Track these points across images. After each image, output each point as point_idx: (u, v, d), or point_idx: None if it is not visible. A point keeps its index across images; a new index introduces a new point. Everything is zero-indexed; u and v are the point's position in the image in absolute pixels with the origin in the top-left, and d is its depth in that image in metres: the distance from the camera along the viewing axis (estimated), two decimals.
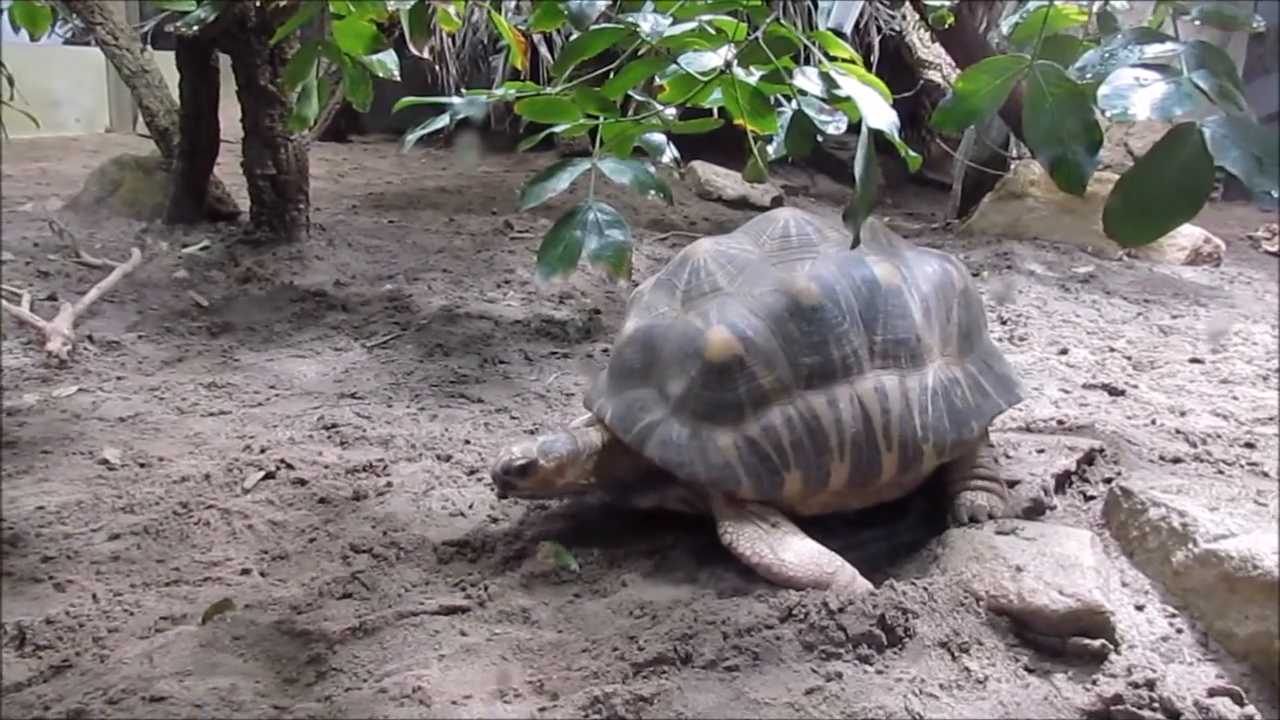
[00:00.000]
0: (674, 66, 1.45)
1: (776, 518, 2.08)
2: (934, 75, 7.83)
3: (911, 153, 1.64)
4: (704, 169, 7.60)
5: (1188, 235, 5.94)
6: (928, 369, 2.17)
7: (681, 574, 2.09)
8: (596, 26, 1.43)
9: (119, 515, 2.28)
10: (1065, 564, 1.89)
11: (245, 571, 2.08)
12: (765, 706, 1.67)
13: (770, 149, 1.63)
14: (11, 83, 2.11)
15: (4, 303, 3.60)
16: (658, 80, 1.53)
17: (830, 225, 2.27)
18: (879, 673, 1.77)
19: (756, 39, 1.34)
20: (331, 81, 3.36)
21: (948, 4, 2.89)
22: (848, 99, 1.41)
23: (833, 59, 1.49)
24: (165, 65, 5.63)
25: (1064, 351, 3.95)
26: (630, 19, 1.38)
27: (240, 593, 2.00)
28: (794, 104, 1.56)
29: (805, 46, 1.40)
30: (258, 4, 4.21)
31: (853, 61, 1.44)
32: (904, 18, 7.62)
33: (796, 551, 2.01)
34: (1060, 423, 2.95)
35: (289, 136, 4.67)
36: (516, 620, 1.93)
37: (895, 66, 8.24)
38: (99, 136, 11.40)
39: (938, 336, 2.20)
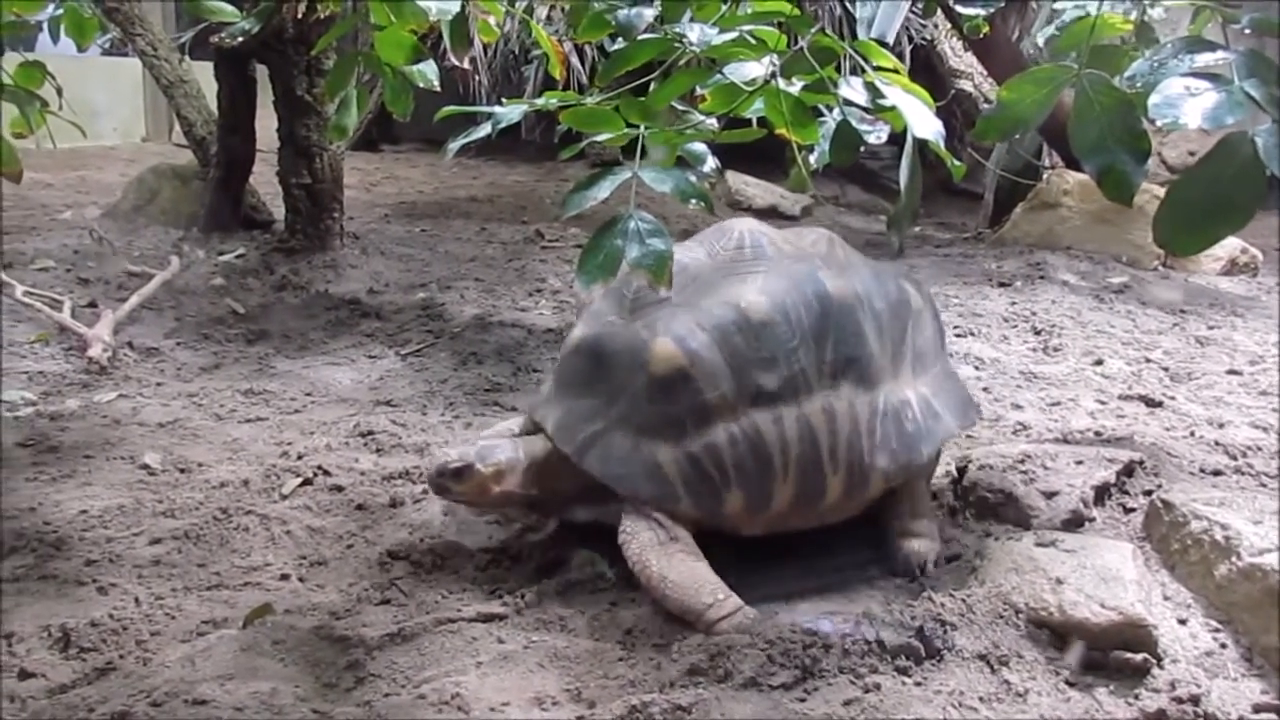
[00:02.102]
0: (717, 76, 1.45)
1: (680, 533, 2.01)
2: (966, 85, 7.80)
3: (955, 162, 1.62)
4: (734, 178, 7.60)
5: (1225, 245, 5.86)
6: (879, 390, 2.12)
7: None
8: (642, 36, 1.44)
9: (160, 520, 2.30)
10: (1106, 576, 1.87)
11: (284, 577, 2.10)
12: (804, 718, 1.66)
13: (812, 158, 1.62)
14: (60, 93, 2.14)
15: (46, 309, 3.66)
16: (699, 90, 1.53)
17: (786, 239, 2.22)
18: (917, 684, 1.76)
19: (801, 49, 1.34)
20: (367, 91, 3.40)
21: (982, 13, 2.88)
22: (892, 108, 1.41)
23: (876, 69, 1.49)
24: (202, 76, 5.71)
25: (1099, 362, 3.91)
26: (678, 29, 1.38)
27: (279, 598, 2.02)
28: (835, 114, 1.56)
29: (848, 56, 1.40)
30: (297, 16, 4.25)
31: (896, 71, 1.44)
32: (936, 27, 7.60)
33: (681, 573, 1.95)
34: (1097, 434, 2.92)
35: (324, 146, 4.72)
36: (553, 628, 1.93)
37: (927, 76, 8.22)
38: (135, 146, 11.56)
39: (890, 356, 2.15)
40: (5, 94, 2.05)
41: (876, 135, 1.58)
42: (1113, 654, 1.78)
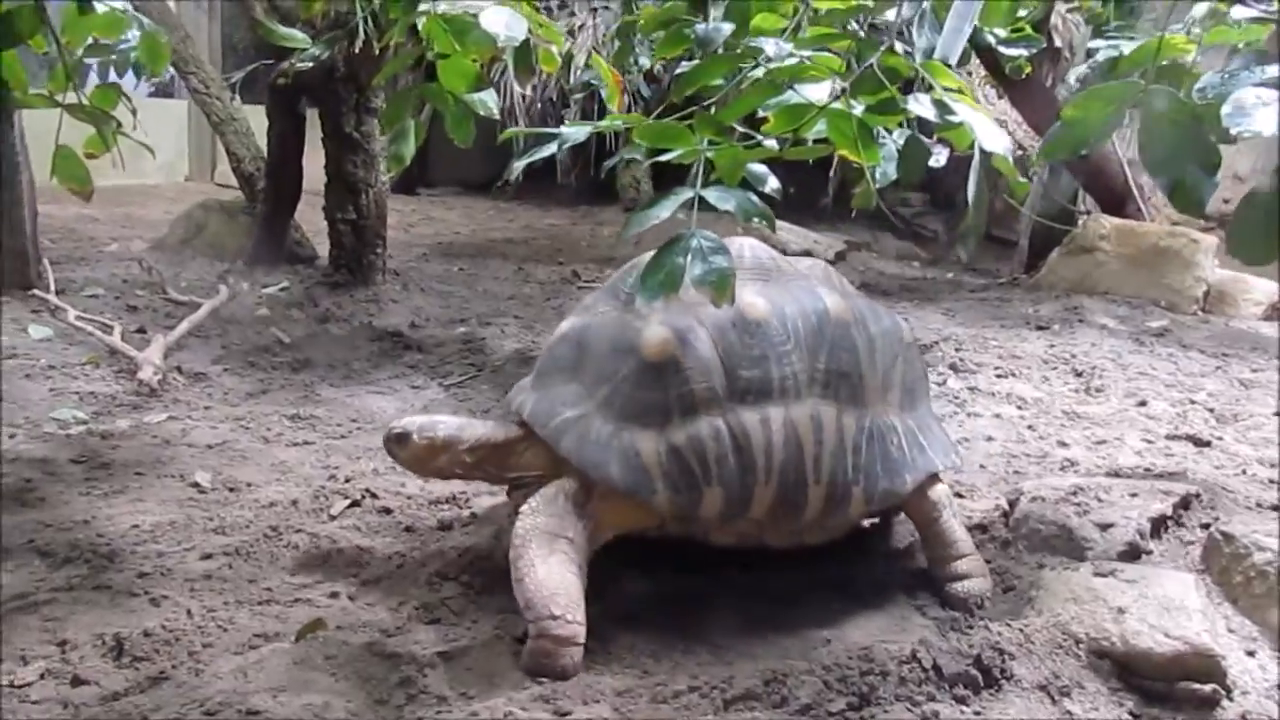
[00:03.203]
0: (784, 96, 1.46)
1: (577, 535, 1.94)
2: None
3: (1020, 178, 1.63)
4: None
5: (1264, 291, 5.83)
6: (868, 411, 2.10)
7: (764, 611, 2.07)
8: (716, 54, 1.46)
9: (210, 536, 2.31)
10: (1170, 606, 1.84)
11: (334, 595, 2.10)
12: None
13: (877, 174, 1.63)
14: (135, 113, 2.19)
15: (97, 333, 3.72)
16: (760, 112, 1.55)
17: (786, 260, 2.24)
18: (976, 714, 1.74)
19: (871, 67, 1.36)
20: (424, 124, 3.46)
21: (1025, 53, 2.90)
22: (960, 125, 1.42)
23: (944, 90, 1.50)
24: (251, 119, 5.84)
25: (1143, 403, 3.87)
26: (755, 43, 1.40)
27: (330, 614, 2.01)
28: (895, 136, 1.57)
29: (915, 76, 1.41)
30: (351, 54, 4.34)
31: (961, 91, 1.45)
32: (969, 75, 7.64)
33: (552, 572, 1.86)
34: (1147, 470, 2.88)
35: (370, 183, 4.81)
36: (601, 653, 1.91)
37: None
38: (178, 185, 11.80)
39: (881, 381, 2.14)
40: (84, 113, 2.09)
41: (937, 158, 1.59)
42: (1179, 685, 1.75)
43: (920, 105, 1.38)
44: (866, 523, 2.44)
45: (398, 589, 2.12)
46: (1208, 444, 3.28)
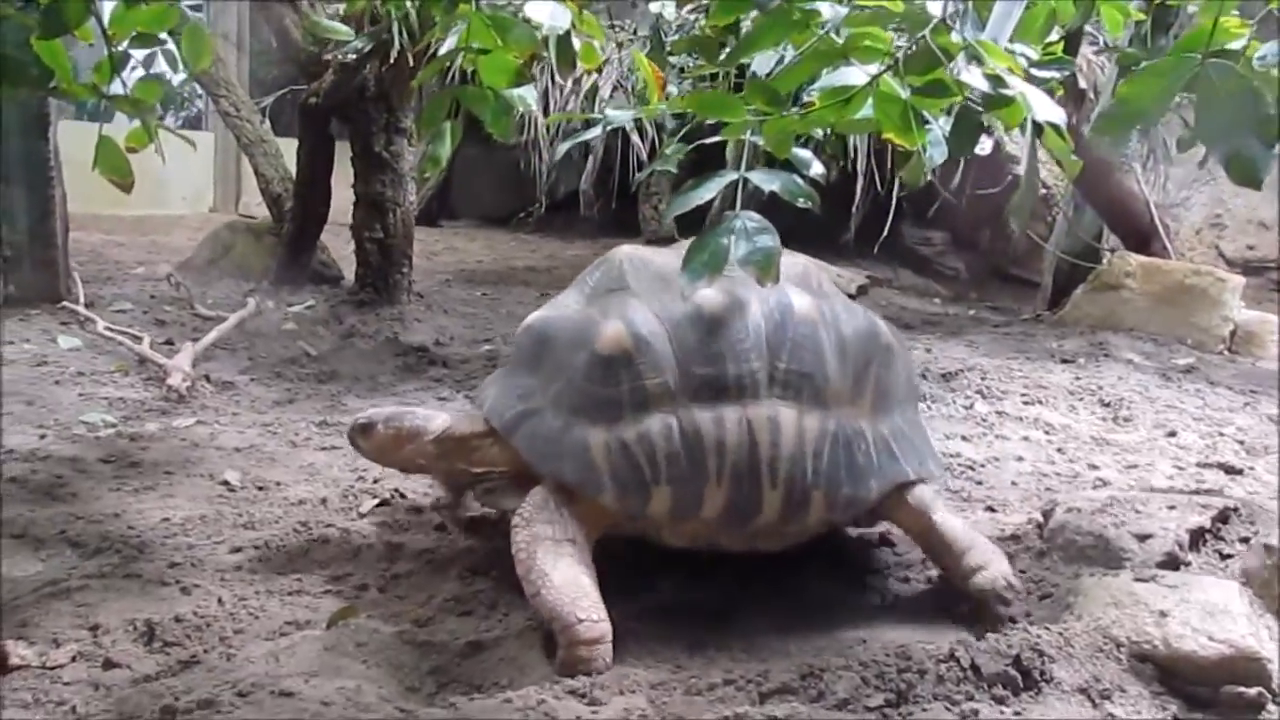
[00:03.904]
0: (835, 72, 1.47)
1: (578, 537, 1.91)
2: (1022, 170, 7.84)
3: (1072, 157, 1.62)
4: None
5: None
6: (832, 414, 2.02)
7: (796, 613, 2.05)
8: (771, 17, 1.46)
9: (240, 530, 2.31)
10: (1213, 610, 1.81)
11: (364, 587, 2.09)
12: None
13: (928, 156, 1.63)
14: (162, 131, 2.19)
15: (127, 342, 3.74)
16: (806, 95, 1.56)
17: None
18: (1016, 714, 1.70)
19: (925, 38, 1.36)
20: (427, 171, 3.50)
21: (1058, 75, 2.91)
22: (1012, 101, 1.42)
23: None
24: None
25: (1172, 434, 3.83)
26: (811, 6, 1.41)
27: (360, 606, 2.00)
28: (941, 121, 1.57)
29: (966, 53, 1.41)
30: (382, 72, 4.41)
31: (1010, 71, 1.45)
32: None
33: (565, 577, 1.82)
34: (1181, 491, 2.85)
35: (398, 202, 4.85)
36: (635, 648, 1.89)
37: (983, 160, 8.29)
38: (203, 215, 11.93)
39: (850, 384, 2.06)
40: (126, 104, 2.12)
41: (982, 146, 1.59)
42: (1224, 689, 1.71)
43: (973, 76, 1.38)
44: (893, 531, 2.42)
45: (428, 583, 2.11)
46: (1240, 472, 3.24)
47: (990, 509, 2.68)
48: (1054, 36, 2.58)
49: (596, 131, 1.95)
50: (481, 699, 1.69)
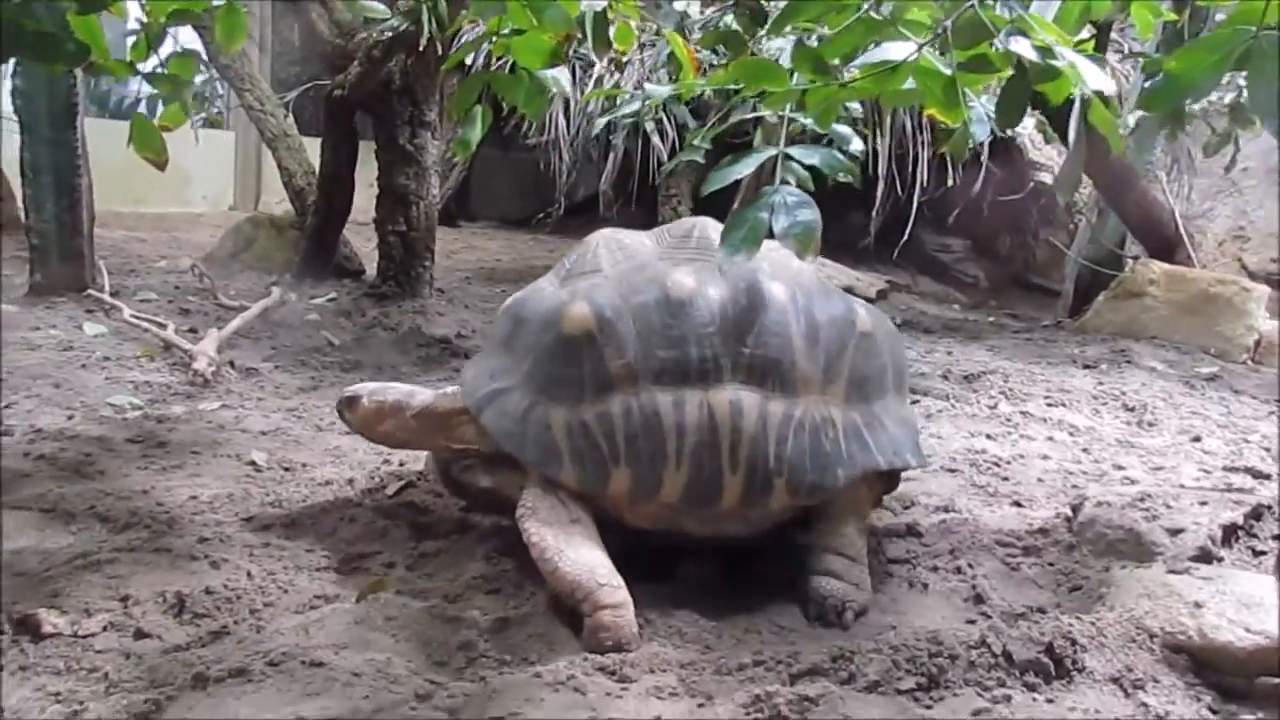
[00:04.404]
0: (877, 50, 1.47)
1: (583, 517, 1.95)
2: (1045, 177, 7.83)
3: (1121, 133, 1.61)
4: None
5: None
6: (799, 400, 2.00)
7: None
8: None
9: (267, 509, 2.32)
10: (1249, 602, 1.79)
11: (391, 565, 2.09)
12: None
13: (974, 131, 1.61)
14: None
15: (152, 328, 3.76)
16: (849, 72, 1.55)
17: None
18: (1049, 702, 1.69)
19: (973, 6, 1.36)
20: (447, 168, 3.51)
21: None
22: (1059, 74, 1.41)
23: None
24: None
25: (1197, 439, 3.81)
26: None
27: (388, 583, 2.00)
28: (984, 99, 1.57)
29: (1016, 24, 1.40)
30: (407, 66, 4.43)
31: (1059, 42, 1.44)
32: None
33: (580, 551, 1.87)
34: (1212, 489, 2.82)
35: (421, 195, 4.86)
36: (663, 629, 1.88)
37: (1006, 169, 8.27)
38: (223, 214, 11.98)
39: (820, 371, 2.03)
40: (162, 81, 2.13)
41: (1024, 126, 1.58)
42: (1259, 680, 1.69)
43: (1021, 46, 1.37)
44: (921, 523, 2.41)
45: (456, 562, 2.11)
46: (1267, 477, 3.21)
47: (1017, 504, 2.66)
48: (1083, 35, 2.58)
49: (636, 106, 1.94)
50: (511, 674, 1.69)
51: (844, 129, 1.71)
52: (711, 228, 2.13)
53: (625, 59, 7.74)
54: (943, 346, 5.62)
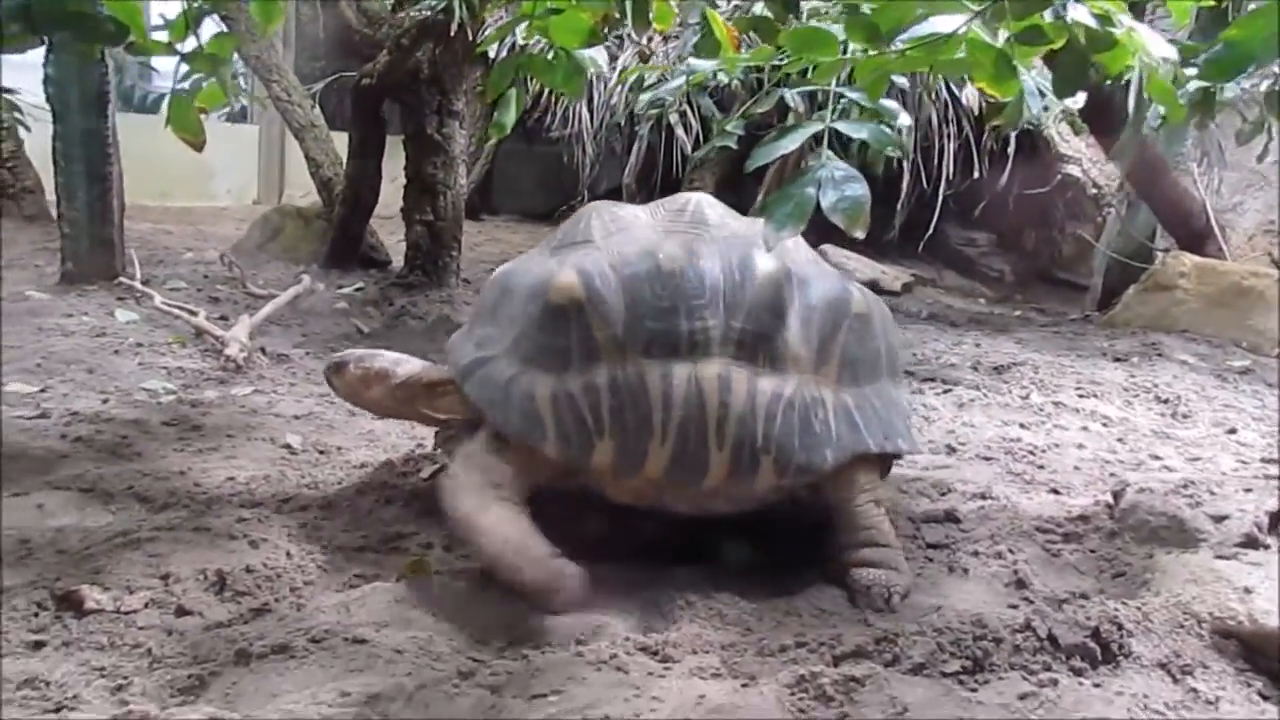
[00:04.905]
0: (925, 24, 1.45)
1: (506, 481, 1.91)
2: (1073, 170, 7.76)
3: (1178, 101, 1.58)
4: (835, 252, 7.60)
5: None
6: (790, 378, 1.97)
7: None
8: None
9: (304, 490, 2.32)
10: None
11: (428, 546, 2.09)
12: (979, 706, 1.57)
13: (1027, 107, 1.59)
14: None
15: (183, 315, 3.78)
16: (894, 45, 1.53)
17: (738, 218, 2.11)
18: (1096, 686, 1.67)
19: None
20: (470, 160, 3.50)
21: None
22: (1117, 43, 1.39)
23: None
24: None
25: (1232, 431, 3.75)
26: None
27: (428, 562, 2.00)
28: (1034, 73, 1.54)
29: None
30: (435, 55, 4.43)
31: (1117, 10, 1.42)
32: (1045, 109, 7.60)
33: (500, 523, 1.84)
34: (1255, 476, 2.79)
35: (448, 185, 4.86)
36: (704, 611, 1.87)
37: (1033, 161, 8.20)
38: (247, 208, 12.04)
39: (813, 350, 2.00)
40: (201, 60, 2.13)
41: (1074, 101, 1.56)
42: None
43: (1079, 12, 1.35)
44: (960, 509, 2.39)
45: None
46: None
47: (1055, 491, 2.64)
48: None
49: (680, 83, 1.92)
50: (552, 652, 1.68)
51: (891, 104, 1.69)
52: (706, 203, 2.10)
53: (651, 52, 7.74)
54: (970, 339, 5.58)
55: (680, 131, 8.17)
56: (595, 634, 1.74)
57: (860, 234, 1.61)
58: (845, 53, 1.53)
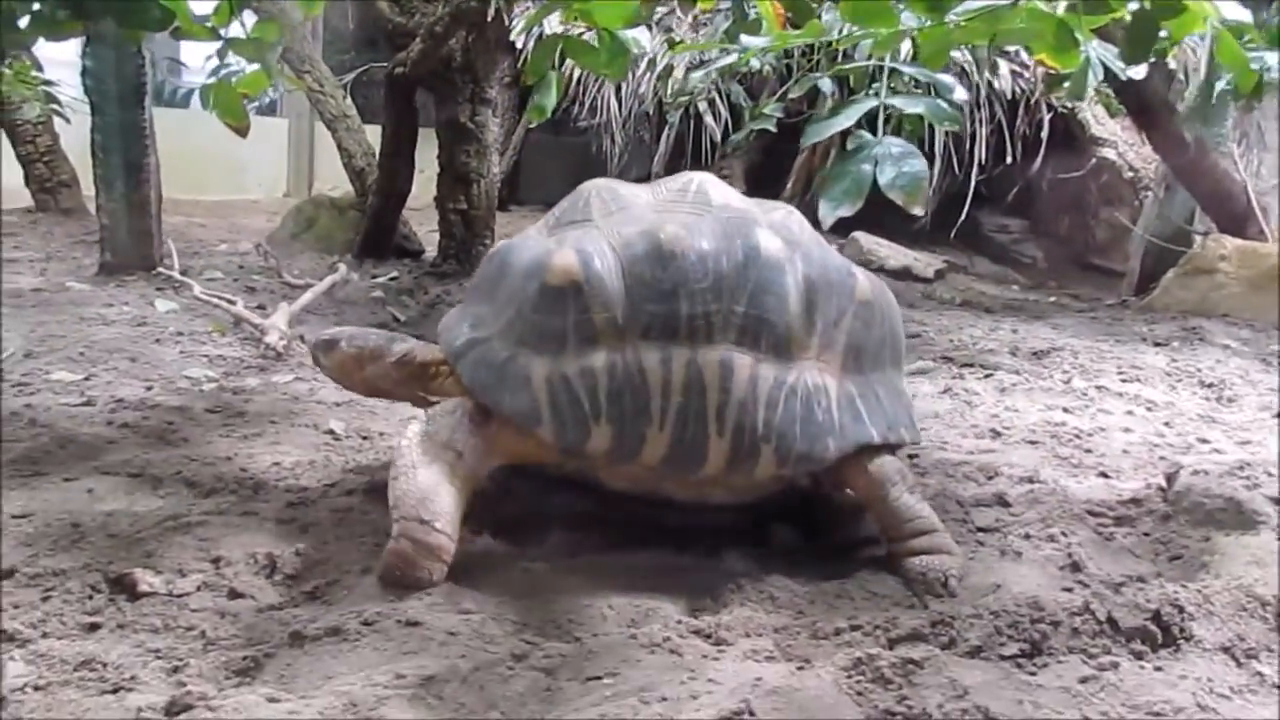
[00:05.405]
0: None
1: (468, 454, 1.87)
2: (1108, 153, 7.66)
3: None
4: (866, 239, 7.56)
5: None
6: (793, 365, 1.92)
7: None
8: None
9: (350, 476, 2.32)
10: None
11: (477, 532, 2.08)
12: (1039, 690, 1.55)
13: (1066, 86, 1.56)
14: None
15: (222, 304, 3.80)
16: (951, 18, 1.51)
17: (744, 199, 2.07)
18: (1157, 669, 1.64)
19: None
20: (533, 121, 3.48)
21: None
22: (1185, 10, 1.36)
23: None
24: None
25: None
26: None
27: (475, 547, 1.99)
28: (1095, 44, 1.51)
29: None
30: (468, 43, 4.42)
31: None
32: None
33: (427, 480, 1.80)
34: None
35: (481, 174, 4.86)
36: (754, 594, 1.86)
37: (1067, 145, 8.11)
38: (278, 200, 12.13)
39: (817, 337, 1.95)
40: (246, 46, 2.13)
41: (1137, 71, 1.53)
42: None
43: None
44: (1009, 492, 2.36)
45: (539, 525, 2.09)
46: None
47: (1103, 475, 2.60)
48: None
49: (733, 58, 1.90)
50: (605, 635, 1.67)
51: (947, 78, 1.66)
52: (710, 182, 2.05)
53: (679, 39, 7.70)
54: (1006, 325, 5.52)
55: (709, 119, 8.13)
56: (647, 617, 1.73)
57: (919, 211, 1.59)
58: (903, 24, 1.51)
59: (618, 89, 8.85)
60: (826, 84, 3.01)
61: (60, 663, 1.53)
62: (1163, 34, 1.41)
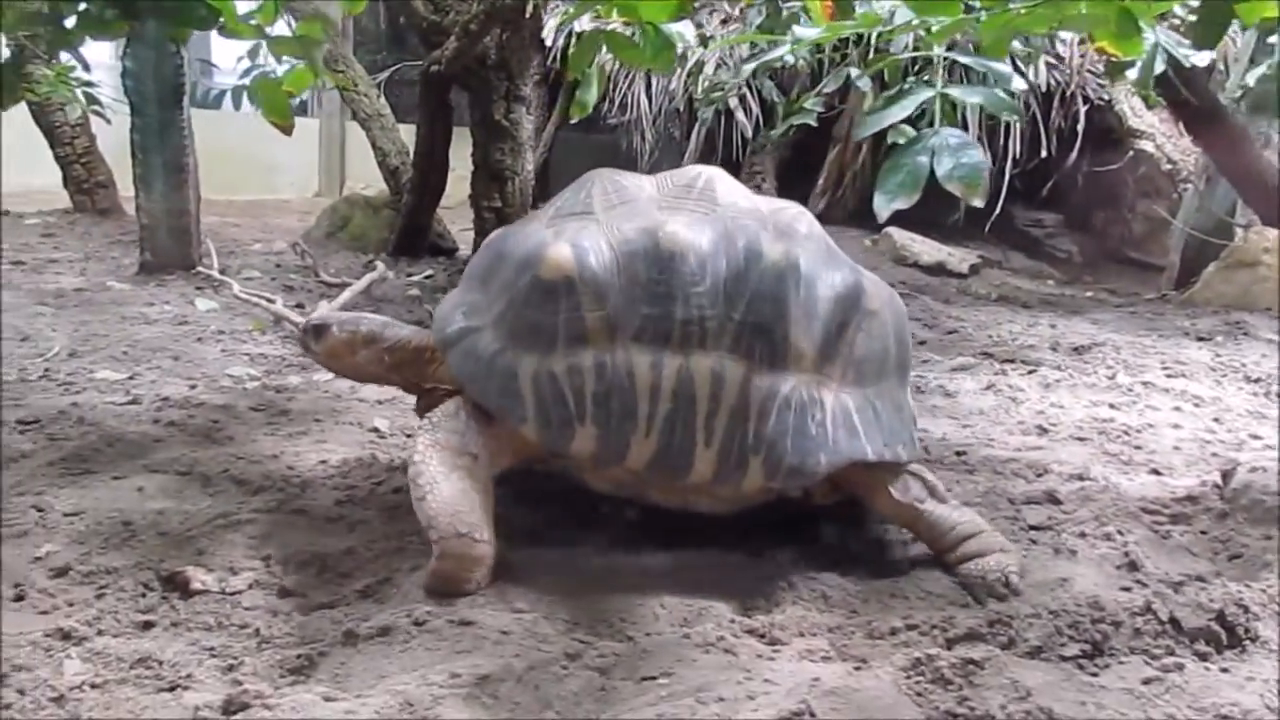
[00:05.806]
0: None
1: (482, 454, 1.83)
2: (1146, 145, 7.55)
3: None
4: (899, 235, 7.49)
5: None
6: (788, 376, 1.86)
7: None
8: None
9: (396, 473, 2.32)
10: None
11: (526, 529, 2.07)
12: (1102, 691, 1.53)
13: (1131, 73, 1.53)
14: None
15: (262, 303, 3.82)
16: (1013, 6, 1.48)
17: (750, 197, 2.02)
18: (1223, 670, 1.61)
19: None
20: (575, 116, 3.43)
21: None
22: None
23: None
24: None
25: None
26: None
27: (523, 549, 1.98)
28: (1155, 32, 1.48)
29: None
30: (503, 40, 4.41)
31: None
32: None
33: (454, 490, 1.76)
34: None
35: (516, 171, 4.86)
36: (806, 593, 1.84)
37: (1104, 137, 8.00)
38: (309, 200, 12.19)
39: (816, 347, 1.88)
40: (291, 44, 2.14)
41: (1201, 57, 1.49)
42: None
43: None
44: (1060, 490, 2.32)
45: (585, 524, 2.08)
46: None
47: (1155, 472, 2.56)
48: None
49: (784, 50, 1.88)
50: (659, 634, 1.66)
51: (1004, 67, 1.63)
52: (718, 178, 2.00)
53: (710, 35, 7.66)
54: (1045, 320, 5.45)
55: (740, 115, 8.08)
56: (700, 616, 1.72)
57: (979, 202, 1.56)
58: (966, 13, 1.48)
59: (648, 86, 8.82)
60: (865, 80, 2.99)
61: (116, 661, 1.53)
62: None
